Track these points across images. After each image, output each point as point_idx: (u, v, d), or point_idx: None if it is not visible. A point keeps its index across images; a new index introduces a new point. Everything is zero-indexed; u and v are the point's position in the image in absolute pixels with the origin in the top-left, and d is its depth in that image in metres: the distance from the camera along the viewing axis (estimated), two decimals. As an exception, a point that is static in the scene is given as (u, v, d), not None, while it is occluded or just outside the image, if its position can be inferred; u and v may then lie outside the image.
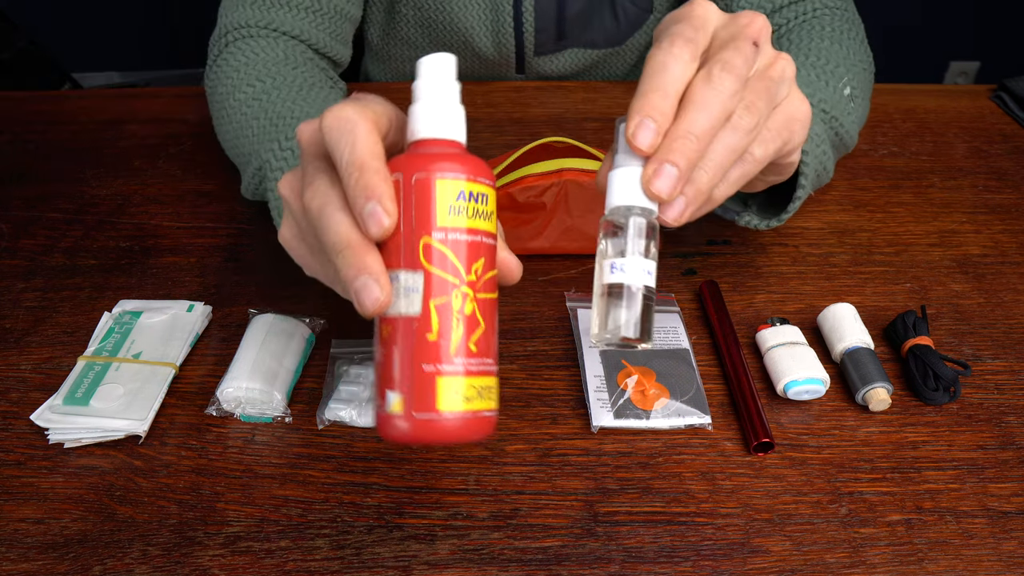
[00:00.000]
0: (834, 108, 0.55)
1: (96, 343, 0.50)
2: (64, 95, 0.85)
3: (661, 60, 0.35)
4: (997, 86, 0.83)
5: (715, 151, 0.35)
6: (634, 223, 0.35)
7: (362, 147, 0.32)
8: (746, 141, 0.36)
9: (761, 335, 0.50)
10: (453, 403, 0.32)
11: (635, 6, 0.84)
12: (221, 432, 0.46)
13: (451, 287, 0.32)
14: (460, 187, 0.32)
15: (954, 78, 2.42)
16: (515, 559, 0.39)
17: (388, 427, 0.33)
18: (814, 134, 0.51)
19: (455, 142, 0.34)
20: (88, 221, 0.63)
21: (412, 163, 0.33)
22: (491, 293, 0.34)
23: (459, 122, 0.34)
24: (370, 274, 0.31)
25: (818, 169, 0.53)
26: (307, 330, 0.50)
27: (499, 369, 0.35)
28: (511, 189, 0.56)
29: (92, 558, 0.39)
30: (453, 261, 0.32)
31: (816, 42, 0.60)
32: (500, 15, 0.81)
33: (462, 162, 0.33)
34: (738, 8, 0.69)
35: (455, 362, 0.32)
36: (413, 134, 0.34)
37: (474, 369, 0.33)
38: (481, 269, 0.33)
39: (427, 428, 0.32)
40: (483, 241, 0.33)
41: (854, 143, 0.60)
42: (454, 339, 0.32)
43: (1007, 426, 0.46)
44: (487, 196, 0.34)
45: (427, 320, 0.32)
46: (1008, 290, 0.56)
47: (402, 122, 0.36)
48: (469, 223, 0.33)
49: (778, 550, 0.40)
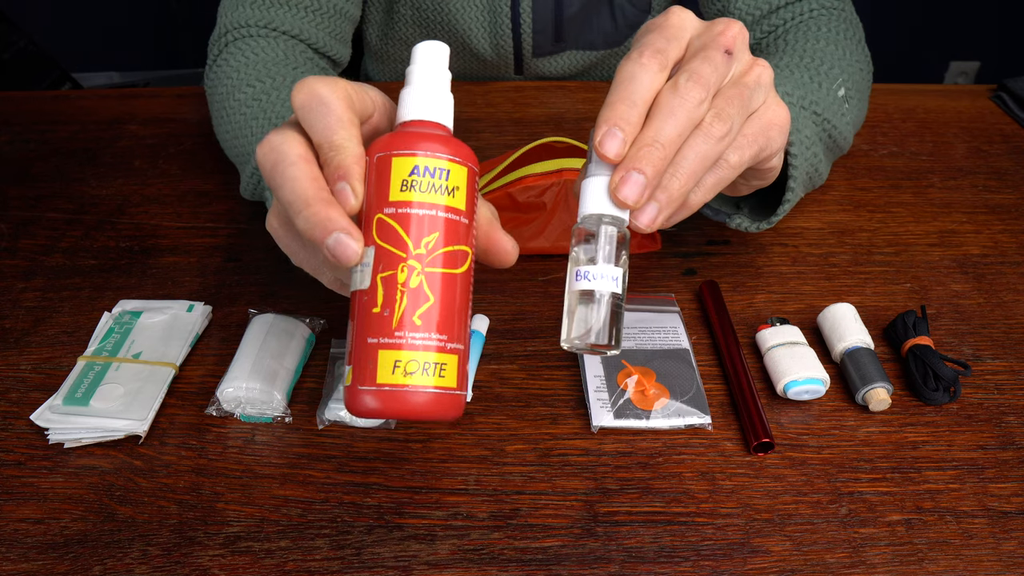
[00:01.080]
0: (826, 110, 0.55)
1: (96, 343, 0.50)
2: (64, 95, 0.85)
3: (629, 71, 0.36)
4: (997, 86, 0.83)
5: (686, 157, 0.36)
6: (604, 231, 0.35)
7: (335, 125, 0.32)
8: (719, 148, 0.36)
9: (761, 335, 0.50)
10: (394, 377, 0.32)
11: (633, 7, 0.84)
12: (221, 432, 0.46)
13: (397, 260, 0.32)
14: (415, 163, 0.33)
15: (954, 78, 2.42)
16: (515, 559, 0.39)
17: (345, 400, 0.33)
18: (804, 136, 0.51)
19: (436, 123, 0.35)
20: (88, 221, 0.63)
21: (379, 144, 0.34)
22: (451, 268, 0.34)
23: (438, 105, 0.35)
24: (339, 229, 0.31)
25: (809, 171, 0.53)
26: (307, 330, 0.50)
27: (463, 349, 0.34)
28: (511, 189, 0.56)
29: (92, 558, 0.39)
30: (401, 235, 0.33)
31: (812, 43, 0.60)
32: (498, 16, 0.81)
33: (423, 139, 0.33)
34: (735, 9, 0.69)
35: (396, 335, 0.32)
36: (398, 118, 0.35)
37: (418, 343, 0.32)
38: (433, 243, 0.33)
39: (371, 401, 0.32)
40: (439, 215, 0.33)
41: (848, 144, 0.60)
42: (397, 312, 0.32)
43: (1007, 426, 0.46)
44: (447, 171, 0.34)
45: (374, 293, 0.32)
46: (1008, 290, 0.56)
47: (389, 108, 0.37)
48: (421, 197, 0.33)
49: (778, 550, 0.40)
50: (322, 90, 0.33)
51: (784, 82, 0.53)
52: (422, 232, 0.33)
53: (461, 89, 0.83)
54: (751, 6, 0.68)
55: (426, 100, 0.35)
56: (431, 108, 0.35)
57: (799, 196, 0.52)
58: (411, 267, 0.33)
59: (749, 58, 0.39)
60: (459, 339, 0.34)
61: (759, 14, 0.67)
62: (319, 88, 0.33)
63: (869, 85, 0.64)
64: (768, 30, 0.67)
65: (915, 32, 2.31)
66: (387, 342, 0.32)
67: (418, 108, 0.35)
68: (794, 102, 0.52)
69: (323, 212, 0.31)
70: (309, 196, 0.32)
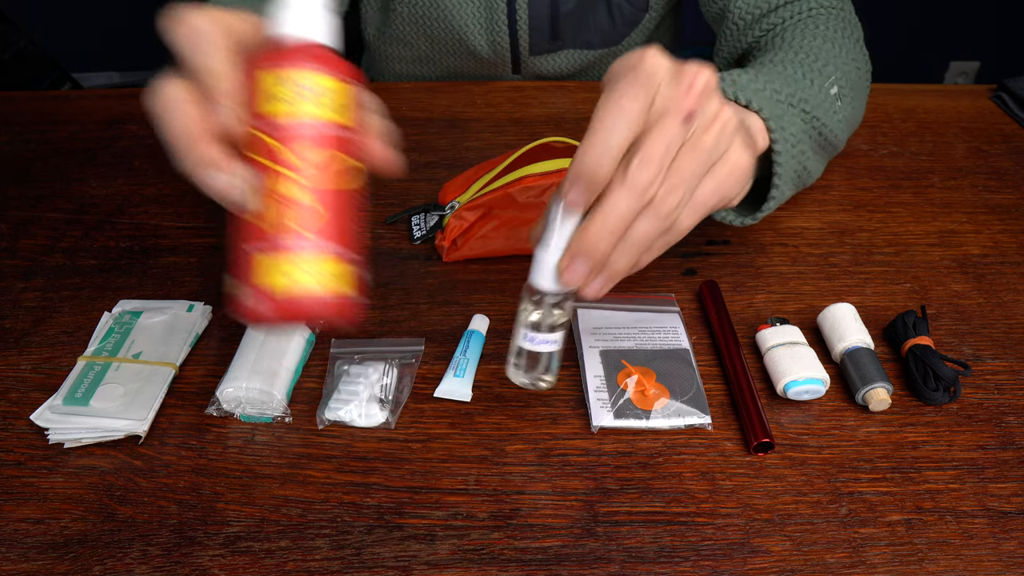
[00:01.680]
0: (816, 107, 0.55)
1: (96, 343, 0.50)
2: (64, 95, 0.85)
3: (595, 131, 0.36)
4: (997, 86, 0.83)
5: (633, 237, 0.37)
6: (547, 303, 0.39)
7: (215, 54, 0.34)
8: (668, 222, 0.38)
9: (761, 335, 0.50)
10: (271, 280, 0.33)
11: (631, 5, 0.83)
12: (221, 432, 0.46)
13: (266, 169, 0.33)
14: (281, 75, 0.33)
15: (954, 78, 2.42)
16: (515, 559, 0.39)
17: (239, 312, 0.34)
18: (789, 134, 0.51)
19: (311, 41, 0.35)
20: (88, 221, 0.63)
21: (251, 62, 0.34)
22: (334, 179, 0.34)
23: (308, 19, 0.35)
24: (211, 164, 0.34)
25: (797, 169, 0.53)
26: (307, 330, 0.50)
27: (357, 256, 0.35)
28: (511, 189, 0.56)
29: (92, 558, 0.39)
30: (270, 145, 0.33)
31: (809, 40, 0.60)
32: (494, 13, 0.81)
33: (289, 53, 0.34)
34: (735, 8, 0.69)
35: (287, 245, 0.33)
36: (271, 34, 0.35)
37: (308, 251, 0.33)
38: (306, 151, 0.34)
39: (251, 305, 0.33)
40: (307, 123, 0.34)
41: (841, 143, 0.60)
42: (268, 218, 0.33)
43: (1007, 426, 0.46)
44: (317, 82, 0.34)
45: (261, 207, 0.34)
46: (1008, 290, 0.56)
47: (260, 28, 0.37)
48: (288, 108, 0.33)
49: (778, 550, 0.40)
50: (202, 24, 0.35)
51: (774, 79, 0.53)
52: (292, 141, 0.33)
53: (461, 89, 0.83)
54: (751, 5, 0.68)
55: (296, 15, 0.35)
56: (301, 23, 0.35)
57: (786, 194, 0.53)
58: (280, 174, 0.33)
59: (715, 106, 0.38)
60: (349, 246, 0.35)
61: (759, 13, 0.67)
62: (198, 22, 0.35)
63: (866, 84, 0.64)
64: (767, 28, 0.67)
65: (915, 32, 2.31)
66: (263, 247, 0.33)
67: (288, 24, 0.35)
68: (782, 99, 0.52)
69: (201, 149, 0.34)
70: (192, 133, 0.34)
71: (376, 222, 0.63)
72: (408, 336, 0.52)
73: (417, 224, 0.61)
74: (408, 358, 0.50)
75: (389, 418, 0.46)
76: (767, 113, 0.48)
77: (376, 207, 0.65)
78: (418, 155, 0.72)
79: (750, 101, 0.48)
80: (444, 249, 0.58)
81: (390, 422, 0.46)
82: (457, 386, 0.48)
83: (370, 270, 0.58)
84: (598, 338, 0.51)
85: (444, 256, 0.58)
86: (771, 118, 0.48)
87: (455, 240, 0.58)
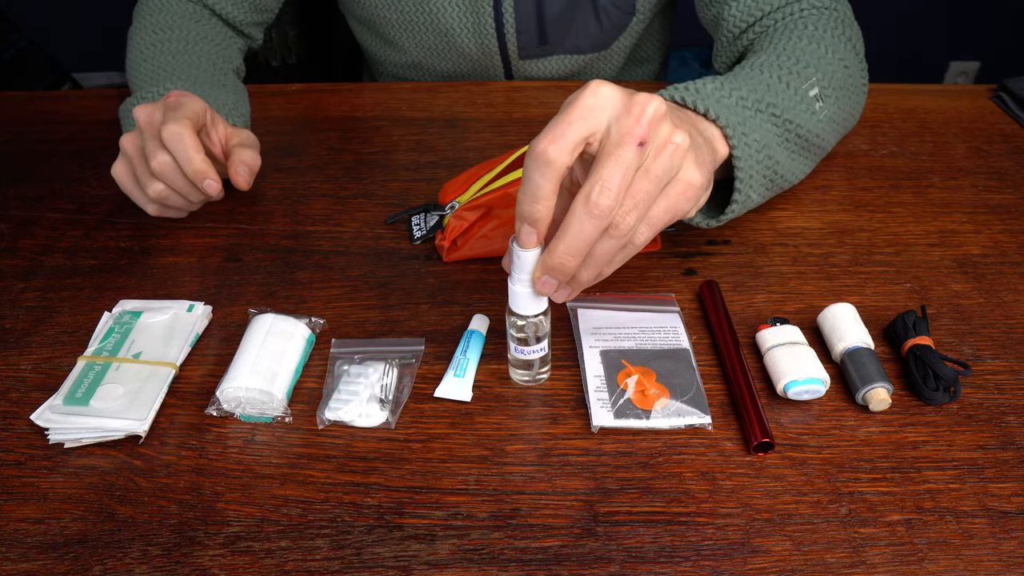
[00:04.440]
0: (788, 110, 0.55)
1: (96, 343, 0.50)
2: (64, 95, 0.85)
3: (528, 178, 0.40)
4: (997, 86, 0.83)
5: (595, 255, 0.42)
6: (530, 325, 0.45)
7: (192, 151, 0.56)
8: (626, 239, 0.41)
9: (761, 335, 0.50)
10: None
11: (618, 9, 0.83)
12: (221, 432, 0.46)
13: None
14: None
15: (954, 78, 2.42)
16: (515, 559, 0.39)
17: None
18: (752, 140, 0.52)
19: None
20: (88, 221, 0.63)
21: None
22: None
23: None
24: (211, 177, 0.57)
25: (765, 173, 0.54)
26: (307, 330, 0.50)
27: None
28: (511, 189, 0.56)
29: (92, 558, 0.39)
30: None
31: (794, 42, 0.61)
32: (481, 16, 0.82)
33: None
34: (729, 16, 0.69)
35: None
36: None
37: None
38: None
39: None
40: None
41: (827, 142, 0.60)
42: None
43: (1007, 426, 0.46)
44: None
45: None
46: (1008, 290, 0.56)
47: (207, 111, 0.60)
48: None
49: (778, 550, 0.40)
50: (181, 130, 0.55)
51: (742, 85, 0.53)
52: None
53: (461, 89, 0.83)
54: (744, 13, 0.68)
55: None
56: None
57: (753, 198, 0.54)
58: None
59: (666, 132, 0.41)
60: None
61: (752, 20, 0.68)
62: (178, 128, 0.55)
63: (857, 83, 0.64)
64: (760, 31, 0.67)
65: (915, 32, 2.31)
66: None
67: None
68: (748, 105, 0.53)
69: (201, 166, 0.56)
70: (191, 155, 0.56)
71: (376, 222, 0.63)
72: (408, 336, 0.52)
73: (417, 224, 0.61)
74: (408, 358, 0.50)
75: (389, 418, 0.46)
76: (724, 121, 0.50)
77: (376, 207, 0.65)
78: (418, 155, 0.72)
79: (708, 110, 0.50)
80: (444, 249, 0.58)
81: (390, 422, 0.46)
82: (457, 386, 0.48)
83: (370, 270, 0.58)
84: (598, 338, 0.51)
85: (444, 256, 0.58)
86: (729, 126, 0.50)
87: (455, 240, 0.58)
